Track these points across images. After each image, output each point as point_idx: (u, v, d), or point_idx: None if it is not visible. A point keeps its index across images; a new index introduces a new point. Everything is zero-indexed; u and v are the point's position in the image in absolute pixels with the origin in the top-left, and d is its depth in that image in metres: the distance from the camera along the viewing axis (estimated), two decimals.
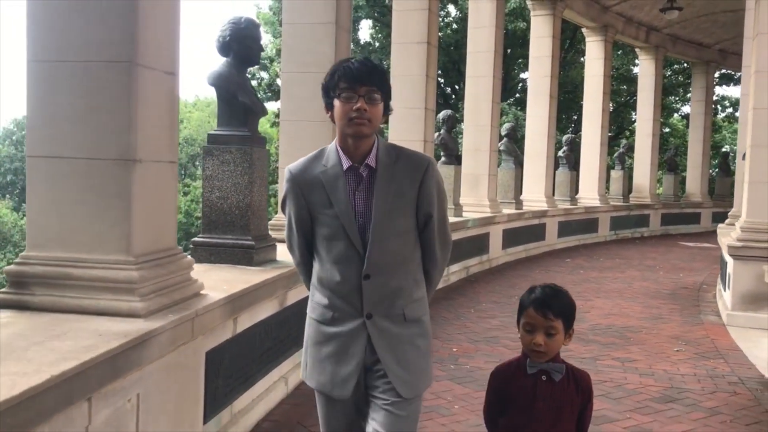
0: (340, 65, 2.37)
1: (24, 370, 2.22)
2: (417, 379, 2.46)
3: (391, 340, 2.43)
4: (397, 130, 9.17)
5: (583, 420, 2.50)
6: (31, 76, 3.03)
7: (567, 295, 2.49)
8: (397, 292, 2.44)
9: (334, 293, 2.44)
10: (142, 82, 3.01)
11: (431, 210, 2.46)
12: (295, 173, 2.47)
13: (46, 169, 3.03)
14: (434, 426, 4.41)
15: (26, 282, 3.03)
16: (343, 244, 2.39)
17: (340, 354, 2.44)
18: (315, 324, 2.51)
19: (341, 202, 2.38)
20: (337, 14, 5.96)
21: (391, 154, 2.43)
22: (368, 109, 2.30)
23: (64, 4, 2.99)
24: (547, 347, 2.39)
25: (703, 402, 5.07)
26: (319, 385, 2.49)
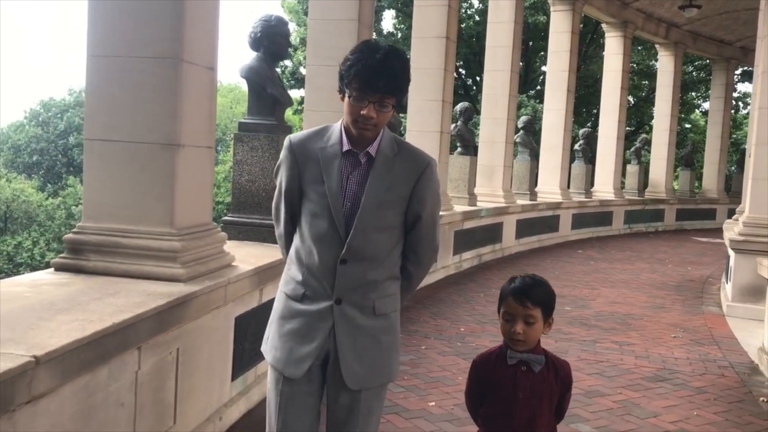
0: (361, 59, 2.25)
1: (89, 318, 2.66)
2: (370, 373, 2.42)
3: (354, 329, 2.40)
4: (414, 121, 9.55)
5: (561, 407, 2.57)
6: (90, 69, 3.47)
7: (546, 285, 2.51)
8: (371, 284, 2.41)
9: (309, 271, 2.42)
10: (186, 76, 3.44)
11: (421, 211, 2.44)
12: (295, 143, 2.44)
13: (101, 150, 3.47)
14: (439, 394, 4.82)
15: (82, 249, 3.48)
16: (326, 223, 2.36)
17: (302, 332, 2.41)
18: (284, 298, 2.48)
19: (333, 181, 2.35)
20: (360, 11, 6.36)
21: (393, 147, 2.41)
22: (376, 115, 2.27)
23: (120, 6, 3.42)
24: (525, 336, 2.42)
25: (692, 382, 5.43)
26: (274, 360, 2.46)
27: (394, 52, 2.30)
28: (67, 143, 47.46)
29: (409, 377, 5.14)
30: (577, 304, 8.23)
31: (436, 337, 6.36)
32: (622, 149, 18.30)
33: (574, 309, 7.95)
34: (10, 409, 2.12)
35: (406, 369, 5.31)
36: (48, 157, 47.45)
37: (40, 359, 2.19)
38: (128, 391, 2.88)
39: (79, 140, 47.15)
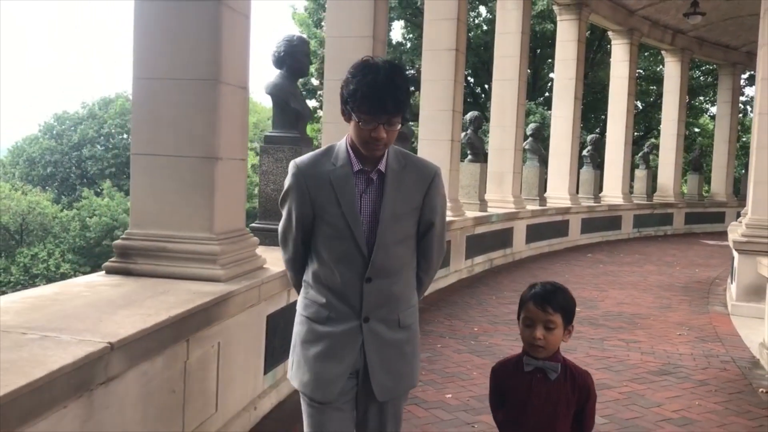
0: (364, 83, 2.23)
1: (147, 312, 3.01)
2: (396, 384, 2.48)
3: (381, 344, 2.43)
4: (426, 130, 9.90)
5: (584, 418, 2.54)
6: (136, 90, 3.84)
7: (567, 292, 2.53)
8: (396, 297, 2.45)
9: (333, 293, 2.42)
10: (223, 96, 3.79)
11: (434, 218, 2.49)
12: (303, 168, 2.42)
13: (146, 164, 3.83)
14: (455, 387, 5.14)
15: (130, 253, 3.83)
16: (347, 244, 2.37)
17: (329, 354, 2.41)
18: (307, 322, 2.48)
19: (349, 202, 2.35)
20: (375, 29, 6.72)
21: (400, 160, 2.44)
22: (386, 135, 2.29)
23: (163, 34, 3.78)
24: (546, 341, 2.43)
25: (695, 375, 5.73)
26: (302, 385, 2.45)
27: (395, 69, 2.28)
28: (81, 155, 48.01)
29: (426, 372, 5.46)
30: (586, 305, 8.52)
31: (451, 337, 6.68)
32: (630, 154, 18.58)
33: (583, 309, 8.24)
34: (90, 388, 2.47)
35: (424, 365, 5.63)
36: (62, 169, 48.03)
37: (114, 345, 2.53)
38: (178, 379, 3.23)
39: (93, 152, 47.81)
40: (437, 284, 9.04)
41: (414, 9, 24.25)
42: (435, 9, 9.81)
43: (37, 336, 2.53)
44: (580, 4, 15.00)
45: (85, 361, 2.38)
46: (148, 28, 3.80)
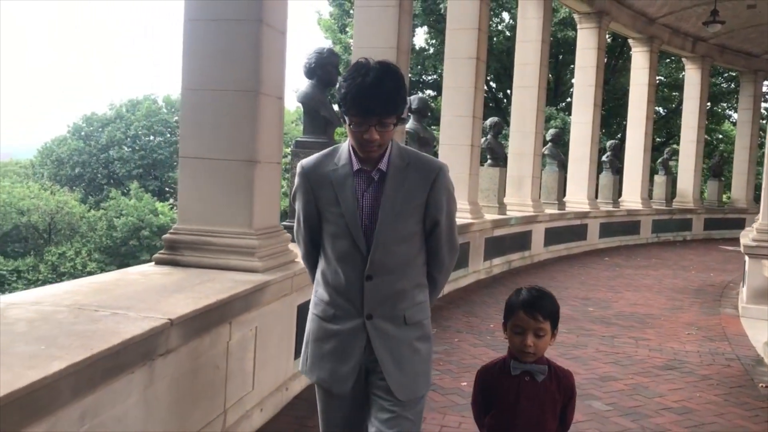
0: (353, 86, 2.27)
1: (197, 296, 3.43)
2: (413, 382, 2.47)
3: (390, 341, 2.44)
4: (447, 135, 10.28)
5: (566, 416, 2.59)
6: (185, 100, 4.28)
7: (552, 297, 2.56)
8: (399, 294, 2.45)
9: (336, 291, 2.47)
10: (262, 106, 4.21)
11: (439, 216, 2.48)
12: (307, 169, 2.49)
13: (193, 166, 4.27)
14: (471, 376, 5.45)
15: (177, 246, 4.27)
16: (347, 243, 2.41)
17: (339, 352, 2.46)
18: (317, 320, 2.54)
19: (347, 201, 2.39)
20: (398, 40, 7.13)
21: (404, 158, 2.45)
22: (379, 137, 2.32)
23: (209, 50, 4.21)
24: (536, 348, 2.47)
25: (699, 371, 6.04)
26: (320, 380, 2.52)
27: (385, 70, 2.30)
28: (109, 157, 48.88)
29: (444, 363, 5.84)
30: (599, 306, 8.84)
31: (468, 332, 7.05)
32: (649, 160, 18.79)
33: (596, 309, 8.56)
34: (152, 358, 2.89)
35: (441, 357, 6.02)
36: (90, 170, 48.90)
37: (173, 321, 2.95)
38: (222, 357, 3.64)
39: (120, 153, 48.71)
40: (456, 284, 9.41)
41: (437, 15, 24.62)
42: (457, 19, 10.19)
43: (108, 313, 2.96)
44: (599, 13, 15.29)
45: (150, 333, 2.80)
46: (196, 44, 4.24)
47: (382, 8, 7.16)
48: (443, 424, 4.45)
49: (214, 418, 3.57)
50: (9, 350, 2.36)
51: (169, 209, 40.75)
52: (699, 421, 4.76)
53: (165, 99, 54.04)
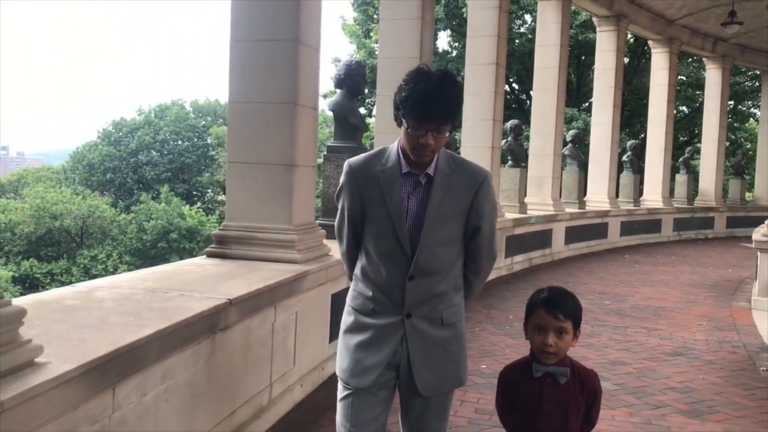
0: (416, 90, 2.32)
1: (248, 282, 3.96)
2: (440, 381, 2.54)
3: (424, 341, 2.50)
4: (468, 138, 10.77)
5: (590, 416, 2.57)
6: (231, 111, 4.83)
7: (574, 297, 2.55)
8: (439, 296, 2.50)
9: (378, 287, 2.51)
10: (299, 115, 4.75)
11: (480, 223, 2.53)
12: (355, 168, 2.53)
13: (240, 170, 4.82)
14: (490, 361, 5.99)
15: (226, 241, 4.82)
16: (391, 243, 2.45)
17: (371, 344, 2.50)
18: (354, 313, 2.58)
19: (395, 203, 2.43)
20: (421, 50, 7.65)
21: (450, 164, 2.50)
22: (434, 142, 2.37)
23: (254, 66, 4.76)
24: (557, 348, 2.44)
25: (705, 356, 6.46)
26: (341, 371, 2.57)
27: (447, 78, 2.35)
28: (138, 161, 49.87)
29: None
30: (615, 299, 9.25)
31: (488, 322, 7.53)
32: (670, 159, 19.07)
33: (612, 303, 8.98)
34: (215, 331, 3.43)
35: None
36: (120, 174, 49.90)
37: (232, 301, 3.49)
38: (268, 336, 4.17)
39: (149, 158, 49.74)
40: None
41: (460, 19, 25.07)
42: (477, 26, 10.68)
43: (177, 294, 3.50)
44: (618, 16, 15.66)
45: (215, 310, 3.34)
46: (240, 62, 4.78)
47: (406, 21, 7.69)
48: (464, 399, 4.94)
49: (262, 389, 4.10)
50: (106, 320, 2.91)
51: (196, 212, 41.60)
52: (699, 398, 5.19)
53: (193, 104, 55.06)
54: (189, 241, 39.72)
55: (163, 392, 2.98)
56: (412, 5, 7.73)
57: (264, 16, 4.72)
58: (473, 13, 10.79)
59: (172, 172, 50.38)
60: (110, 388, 2.57)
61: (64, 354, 2.39)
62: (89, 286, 3.65)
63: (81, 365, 2.32)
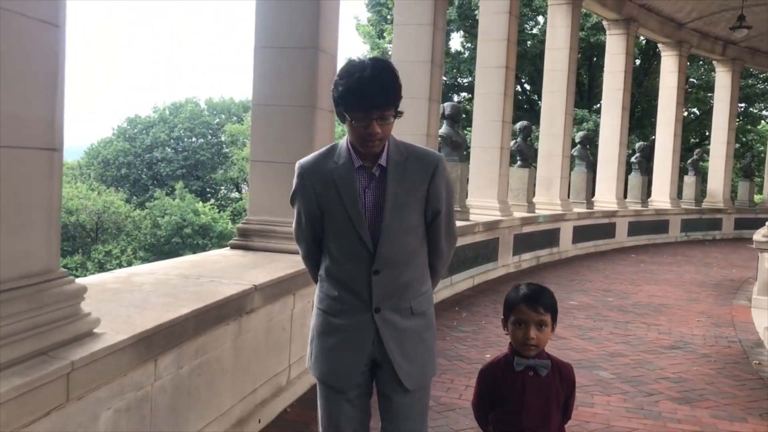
0: (351, 82, 2.29)
1: (270, 271, 4.31)
2: (421, 371, 2.53)
3: (398, 333, 2.48)
4: (478, 139, 11.08)
5: (567, 408, 2.65)
6: (254, 113, 5.18)
7: (550, 291, 2.61)
8: (406, 286, 2.49)
9: (343, 286, 2.48)
10: (318, 118, 5.10)
11: (439, 206, 2.51)
12: (306, 168, 2.51)
13: (261, 168, 5.17)
14: (494, 351, 6.31)
15: (248, 233, 5.18)
16: (352, 239, 2.42)
17: (345, 346, 2.48)
18: (322, 315, 2.56)
19: (351, 199, 2.40)
20: (432, 54, 7.98)
21: (402, 152, 2.46)
22: (381, 130, 2.33)
23: (275, 73, 5.11)
24: (538, 340, 2.50)
25: (700, 350, 6.76)
26: (322, 375, 2.54)
27: (381, 65, 2.33)
28: (153, 158, 50.40)
29: (471, 340, 6.67)
30: (619, 296, 9.54)
31: (494, 316, 7.85)
32: (678, 161, 19.29)
33: (615, 300, 9.28)
34: (242, 314, 3.78)
35: (469, 335, 6.85)
36: (134, 170, 50.39)
37: (257, 287, 3.85)
38: (287, 321, 4.52)
39: (164, 155, 50.22)
40: (486, 276, 10.19)
41: (472, 20, 25.37)
42: (487, 31, 10.99)
43: (207, 280, 3.86)
44: (628, 20, 15.92)
45: (242, 294, 3.69)
46: (264, 67, 5.14)
47: (418, 26, 8.02)
48: (468, 385, 5.27)
49: (282, 370, 4.46)
50: (148, 301, 3.27)
51: (210, 209, 42.07)
52: (690, 387, 5.50)
53: (207, 102, 55.57)
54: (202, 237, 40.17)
55: (196, 366, 3.33)
56: (424, 12, 8.07)
57: (287, 25, 5.07)
58: (484, 17, 11.11)
59: (187, 169, 50.84)
60: (153, 360, 2.93)
61: (116, 327, 2.75)
62: (127, 272, 4.02)
63: (131, 336, 2.68)
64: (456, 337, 6.79)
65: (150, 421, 2.95)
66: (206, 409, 3.48)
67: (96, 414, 2.54)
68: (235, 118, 53.83)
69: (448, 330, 7.08)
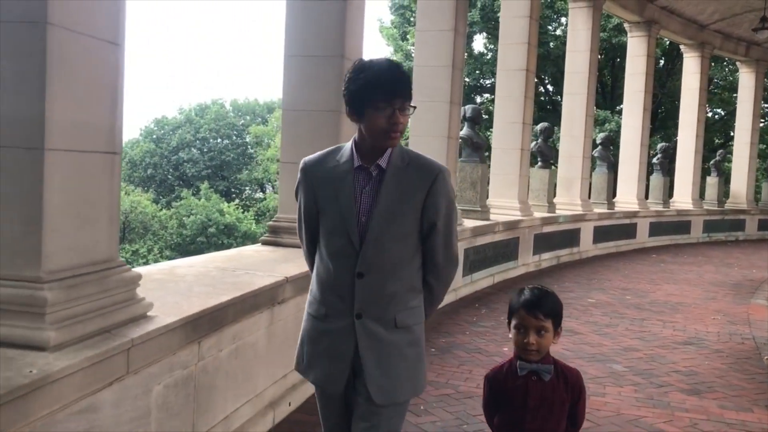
0: (373, 75, 2.32)
1: (299, 265, 4.61)
2: (395, 386, 2.44)
3: (377, 343, 2.42)
4: (498, 140, 11.34)
5: (576, 414, 2.63)
6: (285, 118, 5.52)
7: (554, 296, 2.60)
8: (392, 296, 2.43)
9: (328, 289, 2.47)
10: (343, 122, 5.40)
11: (435, 219, 2.45)
12: (309, 165, 2.54)
13: (290, 169, 5.49)
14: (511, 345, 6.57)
15: (279, 231, 5.50)
16: (341, 239, 2.40)
17: (332, 351, 2.46)
18: (311, 319, 2.55)
19: (346, 197, 2.39)
20: (453, 58, 8.26)
21: (404, 158, 2.44)
22: (403, 120, 2.36)
23: (303, 79, 5.43)
24: (538, 345, 2.51)
25: (713, 346, 6.96)
26: (316, 379, 2.53)
27: (391, 61, 2.42)
28: (179, 159, 51.14)
29: (490, 335, 6.94)
30: (636, 294, 9.74)
31: None
32: (700, 162, 19.36)
33: (633, 298, 9.48)
34: (274, 303, 4.10)
35: (488, 330, 7.12)
36: (161, 171, 51.13)
37: (288, 279, 4.16)
38: None
39: (189, 155, 50.92)
40: (506, 274, 10.45)
41: (495, 22, 25.59)
42: (508, 34, 11.25)
43: (243, 272, 4.19)
44: (649, 22, 16.06)
45: (274, 285, 4.01)
46: (293, 75, 5.47)
47: (440, 32, 8.31)
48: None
49: None
50: (191, 290, 3.60)
51: (234, 209, 42.66)
52: (701, 380, 5.73)
53: (232, 103, 56.27)
54: (227, 236, 40.74)
55: (234, 350, 3.66)
56: (445, 18, 8.35)
57: (314, 35, 5.39)
58: (505, 22, 11.36)
59: (212, 170, 51.50)
60: (197, 342, 3.25)
61: (166, 311, 3.07)
62: (170, 265, 4.36)
63: (180, 319, 3.01)
64: (475, 332, 7.06)
65: (194, 398, 3.28)
66: (242, 390, 3.80)
67: (149, 387, 2.87)
68: (259, 119, 54.40)
69: (468, 325, 7.36)
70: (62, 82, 2.43)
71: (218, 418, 3.54)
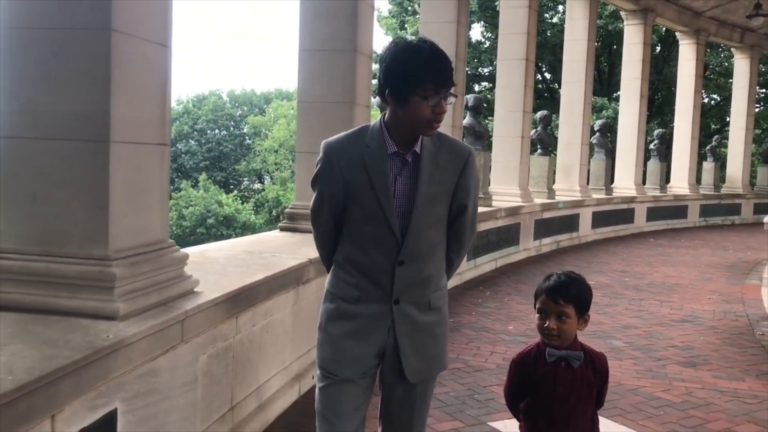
0: (419, 57, 2.20)
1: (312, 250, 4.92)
2: (428, 366, 2.49)
3: (413, 326, 2.42)
4: (500, 128, 11.64)
5: (600, 397, 2.64)
6: (300, 109, 5.83)
7: (582, 282, 2.57)
8: (428, 279, 2.44)
9: (363, 274, 2.40)
10: (356, 113, 5.71)
11: (467, 201, 2.46)
12: (335, 150, 2.40)
13: (305, 158, 5.79)
14: (516, 324, 6.90)
15: (296, 217, 5.81)
16: (379, 227, 2.34)
17: (358, 334, 2.41)
18: (336, 300, 2.47)
19: (383, 185, 2.31)
20: (456, 49, 8.55)
21: (435, 141, 2.39)
22: (446, 110, 2.30)
23: (318, 73, 5.72)
24: (559, 331, 2.48)
25: (708, 323, 7.29)
26: (324, 361, 2.46)
27: (432, 43, 2.28)
28: (177, 150, 51.31)
29: (495, 315, 7.26)
30: (635, 276, 10.07)
31: (516, 294, 8.44)
32: (696, 147, 19.67)
33: (632, 279, 9.81)
34: (300, 283, 4.41)
35: (493, 311, 7.45)
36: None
37: (312, 260, 4.47)
38: None
39: (188, 147, 51.11)
40: (507, 259, 10.77)
41: (492, 11, 25.79)
42: (508, 24, 11.53)
43: (270, 255, 4.50)
44: (645, 10, 16.32)
45: (299, 266, 4.32)
46: (307, 69, 5.76)
47: (443, 24, 8.59)
48: (494, 351, 5.88)
49: None
50: (226, 270, 3.91)
51: (233, 200, 42.89)
52: (696, 354, 6.06)
53: (229, 94, 56.40)
54: (226, 228, 41.01)
55: (265, 325, 3.97)
56: (448, 10, 8.63)
57: (327, 30, 5.68)
58: (505, 12, 11.64)
59: (210, 161, 51.67)
60: (235, 316, 3.56)
61: (209, 288, 3.37)
62: (200, 249, 4.67)
63: (224, 294, 3.31)
64: (481, 312, 7.38)
65: (232, 368, 3.59)
66: (272, 362, 4.12)
67: (196, 356, 3.18)
68: (257, 110, 54.51)
69: (474, 306, 7.68)
70: (123, 82, 2.73)
71: (252, 387, 3.85)
